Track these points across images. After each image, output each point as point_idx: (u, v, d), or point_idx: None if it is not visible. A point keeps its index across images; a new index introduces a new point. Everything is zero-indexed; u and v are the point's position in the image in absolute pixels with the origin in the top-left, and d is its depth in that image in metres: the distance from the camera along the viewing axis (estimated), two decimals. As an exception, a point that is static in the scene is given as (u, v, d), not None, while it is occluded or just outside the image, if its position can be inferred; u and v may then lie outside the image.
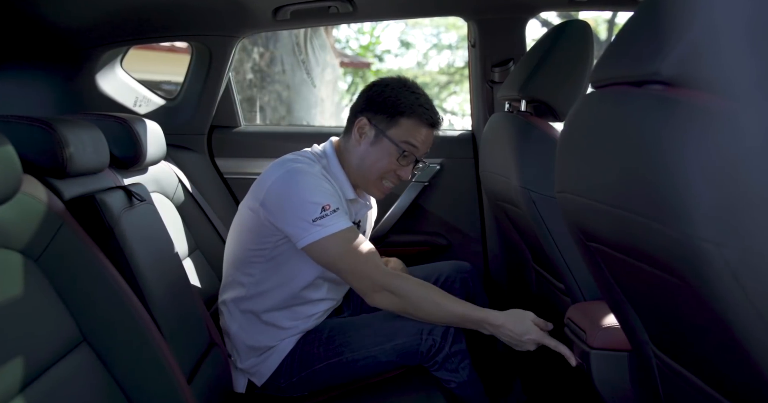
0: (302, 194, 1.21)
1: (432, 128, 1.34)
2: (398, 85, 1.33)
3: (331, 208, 1.20)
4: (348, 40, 12.28)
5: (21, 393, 0.73)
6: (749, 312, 0.48)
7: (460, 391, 1.25)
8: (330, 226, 1.19)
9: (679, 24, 0.50)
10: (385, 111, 1.31)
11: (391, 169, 1.33)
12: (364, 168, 1.33)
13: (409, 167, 1.34)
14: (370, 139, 1.32)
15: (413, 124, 1.31)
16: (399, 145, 1.30)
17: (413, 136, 1.31)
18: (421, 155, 1.35)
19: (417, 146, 1.32)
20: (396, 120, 1.30)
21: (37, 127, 1.03)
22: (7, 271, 0.79)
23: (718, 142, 0.45)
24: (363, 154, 1.33)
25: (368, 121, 1.32)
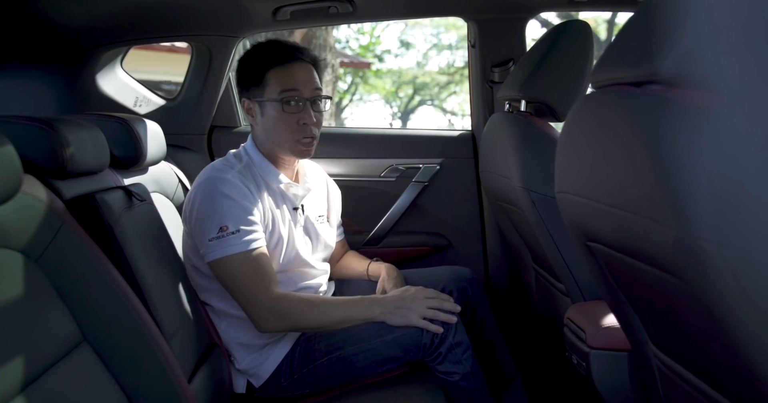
0: (204, 211, 1.23)
1: (296, 61, 1.31)
2: (254, 51, 1.35)
3: (228, 230, 1.21)
4: (348, 40, 12.28)
5: (21, 393, 0.73)
6: (749, 311, 0.48)
7: (465, 382, 1.25)
8: (222, 248, 1.21)
9: (677, 24, 0.50)
10: (251, 82, 1.32)
11: (292, 125, 1.30)
12: (272, 140, 1.34)
13: (307, 111, 1.31)
14: (259, 113, 1.33)
15: (279, 71, 1.30)
16: (277, 98, 1.29)
17: (285, 82, 1.29)
18: (310, 92, 1.31)
19: (295, 88, 1.29)
20: (264, 80, 1.31)
21: (37, 127, 1.03)
22: (8, 271, 0.79)
23: (715, 142, 0.45)
24: (264, 129, 1.34)
25: (248, 99, 1.34)
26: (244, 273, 1.22)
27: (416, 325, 1.21)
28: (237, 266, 1.21)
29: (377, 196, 1.95)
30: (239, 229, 1.21)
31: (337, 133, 2.18)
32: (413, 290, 1.28)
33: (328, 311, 1.25)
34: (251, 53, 1.35)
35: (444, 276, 1.51)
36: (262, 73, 1.31)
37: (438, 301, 1.25)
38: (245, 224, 1.22)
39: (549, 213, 1.26)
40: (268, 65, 1.31)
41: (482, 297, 1.52)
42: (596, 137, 0.71)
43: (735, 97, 0.44)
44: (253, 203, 1.26)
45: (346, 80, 12.39)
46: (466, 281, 1.50)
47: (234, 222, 1.22)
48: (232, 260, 1.21)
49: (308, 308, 1.25)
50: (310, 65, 1.34)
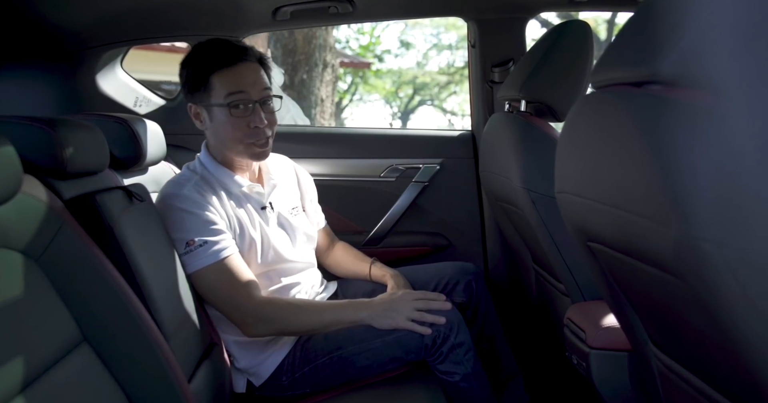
0: (170, 225, 1.22)
1: (242, 62, 1.27)
2: (195, 54, 1.30)
3: (195, 243, 1.21)
4: (348, 40, 12.28)
5: (21, 393, 0.73)
6: (748, 311, 0.48)
7: (465, 383, 1.25)
8: (194, 262, 1.21)
9: (678, 24, 0.50)
10: (195, 86, 1.28)
11: (243, 129, 1.27)
12: (225, 145, 1.31)
13: (257, 113, 1.27)
14: (207, 118, 1.30)
15: (223, 74, 1.26)
16: (224, 103, 1.26)
17: (231, 85, 1.25)
18: (258, 94, 1.27)
19: (242, 90, 1.25)
20: (209, 85, 1.27)
21: (37, 127, 1.03)
22: (8, 271, 0.79)
23: (715, 142, 0.45)
24: (215, 135, 1.32)
25: (194, 104, 1.31)
26: (222, 283, 1.22)
27: (403, 327, 1.21)
28: (213, 277, 1.22)
29: (377, 197, 1.95)
30: (205, 241, 1.21)
31: (337, 133, 2.18)
32: (401, 293, 1.28)
33: (315, 314, 1.27)
34: (193, 55, 1.30)
35: (449, 270, 1.53)
36: (206, 76, 1.26)
37: (425, 302, 1.25)
38: (210, 235, 1.22)
39: (549, 213, 1.25)
40: (211, 68, 1.26)
41: (486, 291, 1.53)
42: (596, 137, 0.71)
43: (735, 98, 0.44)
44: (214, 212, 1.25)
45: (346, 80, 12.40)
46: (471, 275, 1.52)
47: (198, 235, 1.21)
48: (206, 271, 1.21)
49: (294, 311, 1.26)
50: (256, 65, 1.30)
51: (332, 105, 6.11)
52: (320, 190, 1.68)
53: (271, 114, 1.31)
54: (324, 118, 6.06)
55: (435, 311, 1.24)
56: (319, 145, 2.01)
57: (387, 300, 1.27)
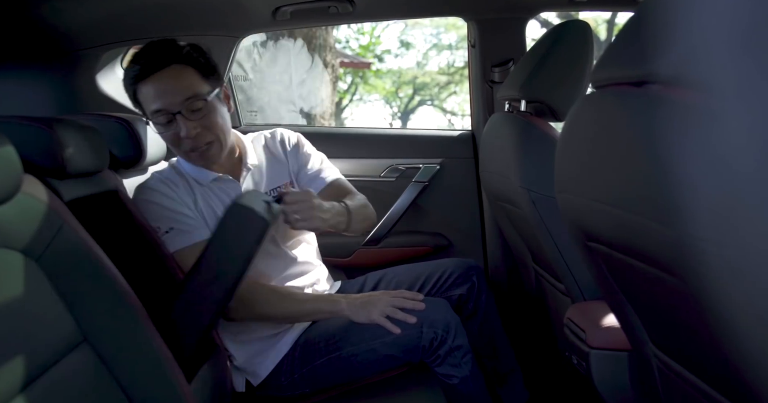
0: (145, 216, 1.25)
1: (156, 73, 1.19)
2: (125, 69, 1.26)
3: (162, 230, 1.24)
4: (348, 40, 12.28)
5: (21, 393, 0.73)
6: (747, 311, 0.48)
7: (463, 386, 1.25)
8: (168, 246, 1.23)
9: (677, 25, 0.50)
10: (133, 100, 1.26)
11: (174, 140, 1.24)
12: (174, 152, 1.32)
13: (183, 123, 1.20)
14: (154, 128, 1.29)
15: (140, 91, 1.22)
16: (150, 121, 1.25)
17: (148, 102, 1.22)
18: (175, 106, 1.19)
19: (158, 108, 1.20)
20: (138, 102, 1.25)
21: (37, 127, 1.03)
22: (8, 271, 0.79)
23: (713, 141, 0.45)
24: None
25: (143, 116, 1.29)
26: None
27: (377, 322, 1.24)
28: (183, 262, 1.22)
29: (377, 197, 1.94)
30: (171, 227, 1.24)
31: (337, 133, 2.18)
32: (379, 293, 1.31)
33: (296, 303, 1.29)
34: (126, 68, 1.26)
35: (450, 264, 1.54)
36: (133, 94, 1.24)
37: (400, 300, 1.28)
38: (175, 223, 1.24)
39: (549, 213, 1.26)
40: (132, 85, 1.22)
41: (486, 286, 1.54)
42: (596, 137, 0.71)
43: (734, 98, 0.44)
44: (179, 203, 1.27)
45: (346, 80, 12.39)
46: (472, 269, 1.52)
47: (164, 223, 1.24)
48: (178, 256, 1.23)
49: (274, 298, 1.28)
50: (179, 68, 1.21)
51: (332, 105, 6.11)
52: (320, 190, 1.67)
53: (204, 118, 1.22)
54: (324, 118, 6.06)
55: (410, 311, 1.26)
56: (319, 145, 2.00)
57: (366, 295, 1.31)
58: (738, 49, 0.43)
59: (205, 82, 1.25)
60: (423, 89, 13.61)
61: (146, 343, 0.93)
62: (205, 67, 1.26)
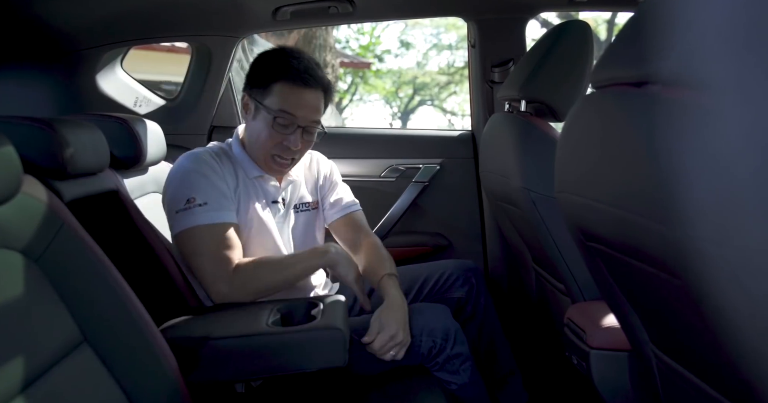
0: (175, 184, 1.24)
1: (307, 87, 1.27)
2: (273, 55, 1.31)
3: (196, 202, 1.19)
4: (348, 40, 12.28)
5: (22, 393, 0.73)
6: (748, 311, 0.48)
7: (461, 393, 1.25)
8: (187, 219, 1.19)
9: (677, 25, 0.50)
10: (259, 83, 1.29)
11: (276, 141, 1.28)
12: (254, 144, 1.32)
13: (295, 136, 1.28)
14: (253, 114, 1.31)
15: (285, 89, 1.26)
16: (271, 113, 1.26)
17: (286, 102, 1.26)
18: (305, 121, 1.28)
19: (292, 112, 1.26)
20: (269, 88, 1.27)
21: (37, 127, 1.03)
22: (8, 271, 0.79)
23: (713, 141, 0.46)
24: (251, 130, 1.32)
25: (249, 96, 1.31)
26: (209, 245, 1.19)
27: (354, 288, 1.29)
28: (202, 238, 1.19)
29: (377, 196, 1.95)
30: (207, 201, 1.20)
31: (337, 133, 2.18)
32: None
33: (287, 268, 1.26)
34: (267, 56, 1.31)
35: (449, 266, 1.54)
36: (270, 81, 1.28)
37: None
38: (214, 199, 1.21)
39: (549, 213, 1.26)
40: (278, 76, 1.27)
41: (485, 288, 1.54)
42: (596, 137, 0.71)
43: (734, 96, 0.44)
44: (224, 182, 1.26)
45: (346, 80, 12.39)
46: (470, 271, 1.53)
47: (202, 195, 1.21)
48: (197, 231, 1.19)
49: (265, 272, 1.23)
50: (319, 93, 1.30)
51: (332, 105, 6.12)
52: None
53: (308, 142, 1.32)
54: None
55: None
56: (319, 145, 2.00)
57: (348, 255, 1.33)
58: (737, 47, 0.43)
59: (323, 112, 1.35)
60: (423, 89, 13.61)
61: (146, 343, 0.93)
62: (329, 99, 1.36)
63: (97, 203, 1.19)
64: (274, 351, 1.06)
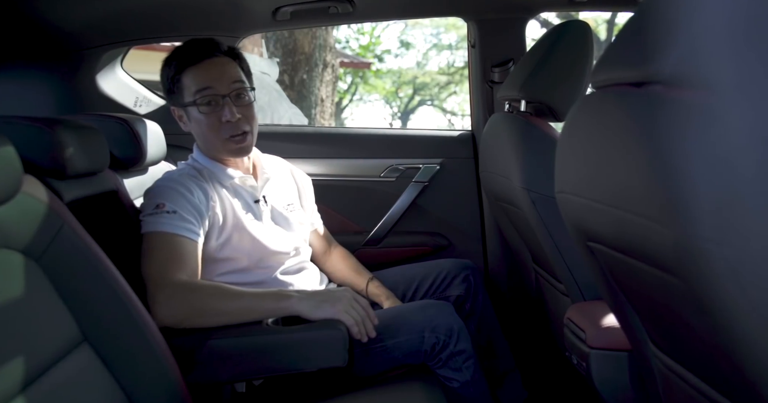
0: (150, 195, 1.23)
1: (207, 58, 1.27)
2: (165, 61, 1.32)
3: (164, 208, 1.18)
4: (348, 40, 12.29)
5: (22, 393, 0.73)
6: (748, 311, 0.48)
7: (463, 390, 1.25)
8: (151, 224, 1.17)
9: (677, 24, 0.50)
10: (171, 88, 1.30)
11: (216, 125, 1.27)
12: (206, 144, 1.32)
13: (228, 107, 1.26)
14: (186, 117, 1.32)
15: (189, 74, 1.27)
16: (193, 100, 1.26)
17: (196, 82, 1.26)
18: (225, 88, 1.27)
19: (208, 86, 1.26)
20: (180, 86, 1.28)
21: (37, 127, 1.03)
22: (8, 271, 0.79)
23: (714, 142, 0.46)
24: (196, 132, 1.32)
25: (174, 108, 1.33)
26: (161, 252, 1.14)
27: (340, 319, 1.10)
28: (157, 244, 1.15)
29: (377, 197, 1.95)
30: (176, 211, 1.18)
31: (337, 133, 2.18)
32: (342, 289, 1.18)
33: (232, 298, 1.11)
34: (166, 59, 1.32)
35: (447, 265, 1.55)
36: (177, 76, 1.28)
37: (364, 311, 1.14)
38: (184, 212, 1.19)
39: (549, 213, 1.26)
40: (180, 68, 1.28)
41: (483, 287, 1.56)
42: (596, 137, 0.71)
43: (735, 95, 0.44)
44: (200, 200, 1.24)
45: (346, 80, 12.40)
46: (468, 270, 1.54)
47: (172, 204, 1.19)
48: (156, 236, 1.16)
49: (210, 292, 1.11)
50: (224, 58, 1.29)
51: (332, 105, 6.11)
52: (320, 191, 1.68)
53: (246, 107, 1.29)
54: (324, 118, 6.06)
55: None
56: (319, 145, 2.01)
57: (325, 292, 1.17)
58: (738, 45, 0.43)
59: (246, 77, 1.33)
60: (423, 89, 13.62)
61: (146, 343, 0.93)
62: (245, 65, 1.35)
63: (97, 203, 1.19)
64: (274, 351, 1.06)
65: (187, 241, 1.18)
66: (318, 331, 1.06)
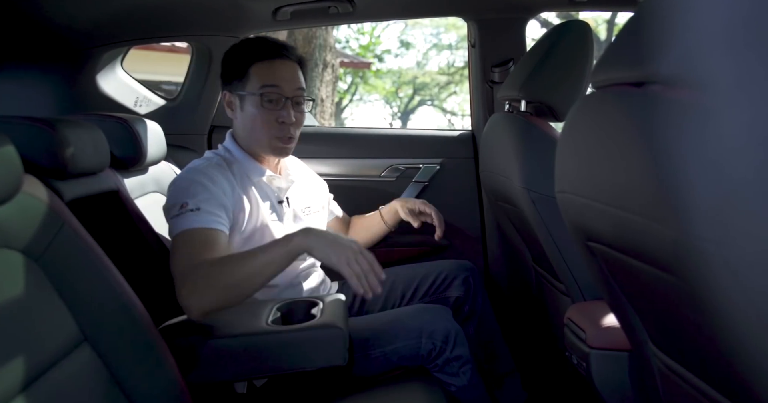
0: (173, 192, 1.22)
1: (282, 58, 1.31)
2: (240, 45, 1.35)
3: (188, 207, 1.15)
4: (348, 40, 12.28)
5: (22, 393, 0.73)
6: (748, 311, 0.48)
7: (460, 394, 1.25)
8: (178, 224, 1.15)
9: (676, 24, 0.50)
10: (236, 74, 1.32)
11: (271, 122, 1.29)
12: (250, 136, 1.33)
13: (288, 109, 1.30)
14: (238, 106, 1.33)
15: (262, 67, 1.30)
16: (257, 93, 1.28)
17: (267, 77, 1.29)
18: (291, 91, 1.30)
19: (276, 84, 1.29)
20: (247, 74, 1.30)
21: (38, 127, 1.03)
22: (8, 270, 0.79)
23: (712, 141, 0.46)
24: (242, 124, 1.33)
25: (230, 93, 1.34)
26: (187, 247, 1.12)
27: (342, 270, 1.07)
28: (184, 241, 1.13)
29: (377, 196, 1.95)
30: (199, 207, 1.16)
31: (337, 133, 2.18)
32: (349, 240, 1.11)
33: (244, 260, 1.09)
34: (237, 47, 1.35)
35: (446, 266, 1.55)
36: (246, 66, 1.30)
37: (369, 265, 1.09)
38: (207, 205, 1.17)
39: (549, 213, 1.26)
40: (251, 59, 1.30)
41: (483, 288, 1.56)
42: (596, 137, 0.71)
43: (732, 98, 0.44)
44: (225, 192, 1.22)
45: (346, 80, 12.40)
46: (468, 271, 1.54)
47: (195, 202, 1.17)
48: (182, 235, 1.14)
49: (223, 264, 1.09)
50: (294, 64, 1.33)
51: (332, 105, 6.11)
52: (320, 190, 1.68)
53: (301, 114, 1.33)
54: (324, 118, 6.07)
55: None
56: (320, 145, 2.01)
57: (336, 235, 1.11)
58: (736, 45, 0.43)
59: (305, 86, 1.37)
60: (423, 89, 13.62)
61: (146, 343, 0.93)
62: (307, 75, 1.38)
63: (97, 202, 1.19)
64: (274, 350, 1.06)
65: (214, 231, 1.16)
66: (318, 330, 1.06)
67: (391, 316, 1.32)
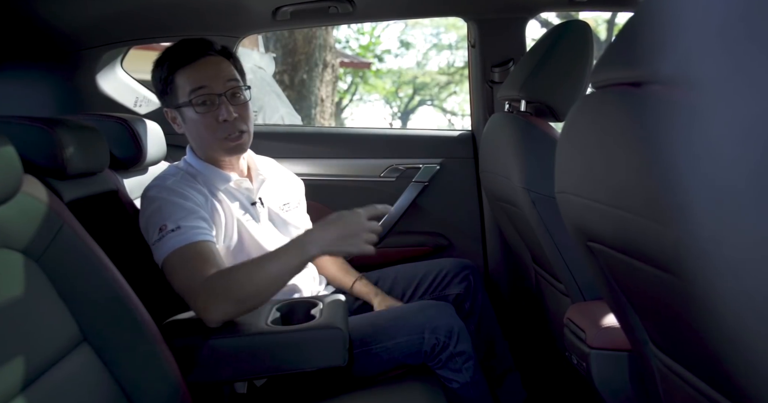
0: (146, 217, 1.19)
1: (202, 58, 1.26)
2: (157, 62, 1.30)
3: (167, 229, 1.14)
4: (348, 40, 12.28)
5: (22, 393, 0.73)
6: (747, 311, 0.48)
7: (463, 391, 1.25)
8: (163, 248, 1.13)
9: (676, 25, 0.50)
10: (165, 89, 1.28)
11: (212, 123, 1.25)
12: (202, 145, 1.30)
13: (224, 106, 1.24)
14: (181, 120, 1.29)
15: (183, 73, 1.25)
16: (188, 100, 1.24)
17: (192, 81, 1.25)
18: (221, 87, 1.25)
19: (203, 85, 1.24)
20: (173, 88, 1.26)
21: (37, 127, 1.03)
22: (8, 271, 0.79)
23: (710, 141, 0.46)
24: (190, 135, 1.31)
25: (168, 109, 1.31)
26: (184, 266, 1.11)
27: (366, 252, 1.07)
28: (177, 261, 1.12)
29: (377, 197, 1.95)
30: (179, 226, 1.15)
31: (337, 133, 2.18)
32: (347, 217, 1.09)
33: (259, 269, 1.07)
34: (158, 60, 1.30)
35: (446, 264, 1.55)
36: (169, 78, 1.26)
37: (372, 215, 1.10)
38: (186, 221, 1.16)
39: (549, 213, 1.26)
40: (172, 69, 1.26)
41: (482, 286, 1.56)
42: (596, 137, 0.71)
43: (731, 98, 0.44)
44: (199, 204, 1.21)
45: (346, 80, 12.40)
46: (468, 269, 1.54)
47: (173, 221, 1.15)
48: (174, 256, 1.12)
49: (238, 274, 1.08)
50: (218, 58, 1.28)
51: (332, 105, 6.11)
52: (320, 191, 1.68)
53: (242, 106, 1.28)
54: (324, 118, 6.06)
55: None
56: (319, 146, 2.01)
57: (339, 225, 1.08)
58: (734, 45, 0.43)
59: (240, 76, 1.32)
60: (423, 89, 13.61)
61: (146, 343, 0.93)
62: (238, 64, 1.34)
63: (97, 203, 1.19)
64: (273, 351, 1.06)
65: (201, 243, 1.15)
66: (317, 331, 1.06)
67: (394, 312, 1.32)
